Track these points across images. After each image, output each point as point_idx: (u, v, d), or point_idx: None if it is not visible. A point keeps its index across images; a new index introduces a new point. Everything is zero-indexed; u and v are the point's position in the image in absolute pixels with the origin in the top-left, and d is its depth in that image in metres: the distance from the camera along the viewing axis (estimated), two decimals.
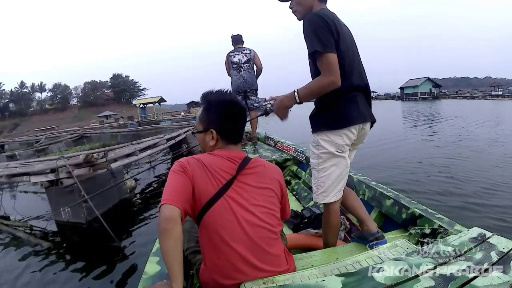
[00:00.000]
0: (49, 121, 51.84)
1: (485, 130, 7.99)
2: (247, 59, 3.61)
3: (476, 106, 20.65)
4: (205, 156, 0.94)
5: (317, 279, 0.81)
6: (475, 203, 2.92)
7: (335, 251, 1.27)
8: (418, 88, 50.90)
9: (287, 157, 3.00)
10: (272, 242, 0.92)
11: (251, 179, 0.93)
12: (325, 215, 1.27)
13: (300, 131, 3.98)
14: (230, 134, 0.98)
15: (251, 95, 3.70)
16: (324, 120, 1.18)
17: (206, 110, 0.99)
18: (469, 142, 6.31)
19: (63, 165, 3.10)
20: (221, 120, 0.96)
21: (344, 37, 1.14)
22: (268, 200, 0.94)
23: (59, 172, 3.09)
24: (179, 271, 0.75)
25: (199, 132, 1.01)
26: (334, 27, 1.10)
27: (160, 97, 39.41)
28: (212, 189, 0.88)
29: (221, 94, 0.99)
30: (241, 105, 1.02)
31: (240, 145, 1.02)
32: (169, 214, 0.78)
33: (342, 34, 1.13)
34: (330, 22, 1.09)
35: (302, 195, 2.44)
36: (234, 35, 3.69)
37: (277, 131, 4.92)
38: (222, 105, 0.97)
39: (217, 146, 0.98)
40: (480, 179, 3.68)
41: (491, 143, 6.07)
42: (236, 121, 0.99)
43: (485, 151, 5.39)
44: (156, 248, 1.13)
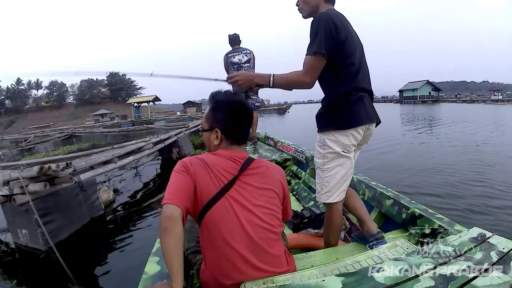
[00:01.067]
0: (45, 119, 51.57)
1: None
2: (248, 59, 3.60)
3: (479, 110, 20.06)
4: (208, 156, 0.95)
5: (317, 279, 0.81)
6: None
7: (335, 251, 1.28)
8: (417, 91, 50.63)
9: (287, 157, 3.00)
10: (273, 242, 0.92)
11: (253, 180, 0.93)
12: (328, 215, 1.28)
13: (299, 131, 3.92)
14: (234, 135, 0.98)
15: (252, 95, 3.70)
16: (332, 120, 1.18)
17: (213, 109, 0.99)
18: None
19: (16, 177, 2.44)
20: (226, 120, 0.97)
21: (352, 38, 1.15)
22: (269, 201, 0.94)
23: (11, 187, 2.45)
24: (179, 270, 0.75)
25: (205, 130, 1.02)
26: (342, 28, 1.11)
27: (155, 96, 38.70)
28: (214, 189, 0.88)
29: (229, 95, 1.00)
30: (248, 107, 1.02)
31: (244, 146, 1.02)
32: (170, 214, 0.78)
33: (350, 34, 1.14)
34: (338, 24, 1.10)
35: (302, 195, 2.45)
36: (231, 35, 3.64)
37: (276, 130, 4.84)
38: (229, 105, 0.97)
39: (221, 146, 0.98)
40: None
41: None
42: (241, 122, 0.99)
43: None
44: (156, 248, 1.13)
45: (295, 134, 9.20)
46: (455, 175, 4.05)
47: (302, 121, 16.39)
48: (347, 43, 1.12)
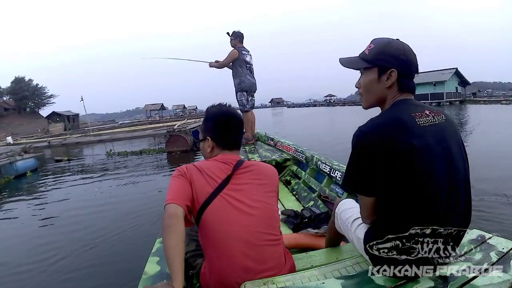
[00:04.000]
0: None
1: None
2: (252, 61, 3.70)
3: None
4: (201, 162, 1.02)
5: (318, 281, 0.81)
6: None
7: (335, 251, 1.27)
8: (443, 85, 28.05)
9: (287, 157, 3.00)
10: (272, 239, 0.93)
11: (247, 177, 0.97)
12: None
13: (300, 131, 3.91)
14: (224, 141, 1.05)
15: (253, 95, 3.81)
16: None
17: (205, 120, 1.09)
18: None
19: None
20: (215, 129, 1.05)
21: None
22: (266, 195, 0.97)
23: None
24: (180, 269, 0.75)
25: (200, 140, 1.09)
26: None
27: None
28: (210, 189, 0.91)
29: (219, 106, 1.10)
30: (235, 115, 1.08)
31: (236, 151, 1.07)
32: (173, 211, 0.82)
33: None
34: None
35: (302, 195, 2.45)
36: (238, 32, 3.63)
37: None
38: (216, 115, 1.07)
39: (214, 153, 1.05)
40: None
41: None
42: (229, 129, 1.05)
43: None
44: (156, 248, 1.14)
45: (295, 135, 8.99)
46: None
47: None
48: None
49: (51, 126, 27.35)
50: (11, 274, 2.41)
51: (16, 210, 4.41)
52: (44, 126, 28.34)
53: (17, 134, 24.30)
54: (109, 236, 2.94)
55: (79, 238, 2.96)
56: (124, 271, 2.22)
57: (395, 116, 0.77)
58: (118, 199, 4.43)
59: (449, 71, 29.69)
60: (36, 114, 47.94)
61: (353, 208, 1.01)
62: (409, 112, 0.77)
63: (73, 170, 7.59)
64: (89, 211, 3.88)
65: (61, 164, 8.45)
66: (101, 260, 2.49)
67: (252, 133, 3.83)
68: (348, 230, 0.99)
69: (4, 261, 2.65)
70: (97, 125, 31.84)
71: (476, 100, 30.27)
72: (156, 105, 47.68)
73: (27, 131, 27.14)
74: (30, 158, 7.47)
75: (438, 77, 28.61)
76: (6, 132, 28.38)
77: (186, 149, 8.42)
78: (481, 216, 2.66)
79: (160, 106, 47.54)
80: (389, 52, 0.81)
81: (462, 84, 31.84)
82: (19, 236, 3.30)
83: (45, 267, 2.43)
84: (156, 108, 46.63)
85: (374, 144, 0.74)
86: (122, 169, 7.00)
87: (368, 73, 0.85)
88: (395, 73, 0.80)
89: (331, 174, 2.19)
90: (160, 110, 47.23)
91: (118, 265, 2.39)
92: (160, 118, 32.47)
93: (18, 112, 47.94)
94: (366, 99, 0.89)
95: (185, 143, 8.49)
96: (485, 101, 28.76)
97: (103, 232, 3.05)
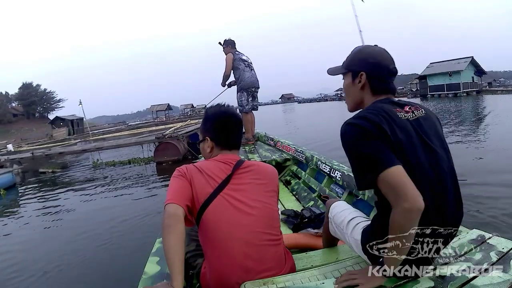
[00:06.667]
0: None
1: None
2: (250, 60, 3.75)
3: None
4: (201, 162, 1.02)
5: (317, 282, 0.81)
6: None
7: (335, 251, 1.27)
8: (460, 75, 26.37)
9: (287, 157, 3.00)
10: (272, 239, 0.93)
11: (247, 177, 0.97)
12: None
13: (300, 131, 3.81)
14: (223, 141, 1.04)
15: (256, 95, 3.83)
16: None
17: (204, 121, 1.09)
18: None
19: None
20: (214, 129, 1.05)
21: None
22: (266, 195, 0.97)
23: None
24: (180, 269, 0.76)
25: (200, 141, 1.09)
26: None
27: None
28: (210, 188, 0.91)
29: (217, 107, 1.09)
30: (234, 114, 1.08)
31: (236, 151, 1.07)
32: (173, 211, 0.82)
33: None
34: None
35: (302, 195, 2.45)
36: (229, 39, 3.75)
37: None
38: (215, 115, 1.07)
39: (213, 153, 1.05)
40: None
41: None
42: (228, 129, 1.05)
43: None
44: (156, 248, 1.14)
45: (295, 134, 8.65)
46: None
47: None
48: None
49: (55, 131, 26.72)
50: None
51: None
52: (49, 131, 27.87)
53: (26, 139, 24.31)
54: None
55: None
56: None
57: (377, 107, 0.81)
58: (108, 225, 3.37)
59: (465, 60, 28.20)
60: (45, 119, 47.38)
61: (345, 210, 1.03)
62: (390, 107, 0.82)
63: (58, 183, 6.77)
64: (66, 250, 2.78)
65: (45, 177, 7.52)
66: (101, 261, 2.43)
67: (252, 134, 3.84)
68: (343, 233, 1.00)
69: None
70: (106, 127, 31.24)
71: (493, 90, 28.86)
72: (162, 105, 46.36)
73: (36, 136, 26.79)
74: (6, 173, 6.38)
75: (453, 67, 27.50)
76: (16, 138, 28.92)
77: (177, 158, 7.07)
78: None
79: (166, 107, 46.05)
80: (358, 57, 0.90)
81: (478, 74, 29.77)
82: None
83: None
84: (162, 109, 45.41)
85: (368, 129, 0.75)
86: (111, 182, 5.92)
87: (346, 78, 0.93)
88: (364, 75, 0.87)
89: (331, 174, 2.19)
90: (166, 111, 45.73)
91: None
92: (167, 119, 31.81)
93: (27, 118, 49.14)
94: (347, 102, 0.97)
95: (176, 151, 7.11)
96: (502, 90, 27.33)
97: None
